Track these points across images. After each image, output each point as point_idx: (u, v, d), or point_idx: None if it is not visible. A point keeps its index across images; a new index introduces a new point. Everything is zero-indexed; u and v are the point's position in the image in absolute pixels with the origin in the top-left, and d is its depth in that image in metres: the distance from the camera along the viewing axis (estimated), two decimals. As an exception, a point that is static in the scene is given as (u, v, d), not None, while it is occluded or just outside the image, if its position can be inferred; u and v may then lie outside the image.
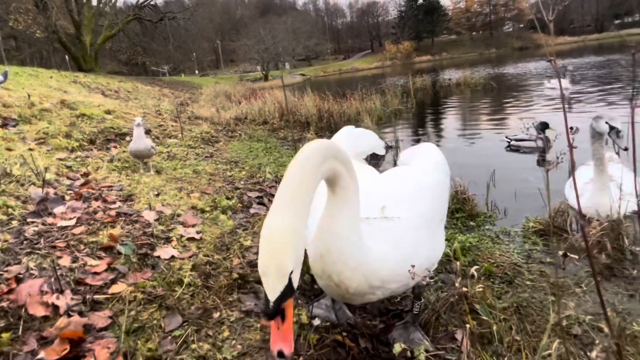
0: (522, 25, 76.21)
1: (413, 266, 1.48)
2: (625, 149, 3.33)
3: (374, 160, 7.03)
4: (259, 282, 2.36)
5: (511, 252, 2.90)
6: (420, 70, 30.12)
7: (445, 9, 79.22)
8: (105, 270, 2.06)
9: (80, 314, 1.73)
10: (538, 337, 1.95)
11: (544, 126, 6.26)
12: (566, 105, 9.30)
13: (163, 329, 1.76)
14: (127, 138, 6.07)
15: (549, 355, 1.59)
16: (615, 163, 3.56)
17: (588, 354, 0.96)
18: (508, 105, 11.66)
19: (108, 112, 7.92)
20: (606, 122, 3.28)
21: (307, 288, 2.35)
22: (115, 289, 1.93)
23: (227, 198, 3.82)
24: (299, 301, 2.22)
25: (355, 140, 2.41)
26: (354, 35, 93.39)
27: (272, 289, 1.07)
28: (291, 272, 1.09)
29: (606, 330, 0.91)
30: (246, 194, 4.09)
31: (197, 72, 58.39)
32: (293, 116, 10.80)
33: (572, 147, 0.84)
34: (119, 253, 2.25)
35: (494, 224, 3.57)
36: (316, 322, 1.97)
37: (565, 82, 11.66)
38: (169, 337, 1.71)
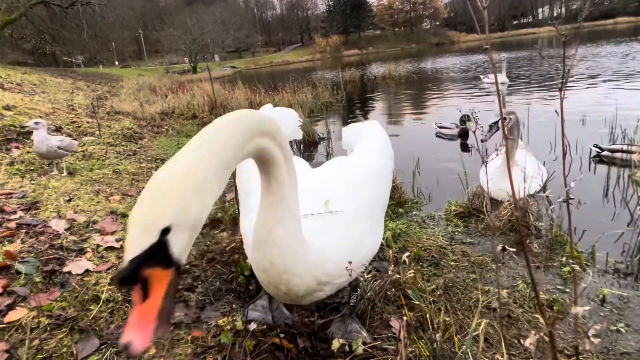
0: (438, 23, 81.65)
1: (350, 262, 1.44)
2: (482, 141, 3.77)
3: (307, 152, 7.02)
4: (190, 289, 2.22)
5: (437, 236, 3.05)
6: (349, 63, 30.83)
7: (370, 5, 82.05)
8: (0, 295, 1.76)
9: (-33, 350, 1.46)
10: (463, 314, 2.07)
11: (465, 118, 6.70)
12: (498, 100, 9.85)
13: (75, 356, 1.54)
14: (32, 137, 5.40)
15: (477, 335, 1.67)
16: (520, 149, 3.92)
17: (522, 341, 0.99)
18: (429, 96, 12.35)
19: (8, 107, 7.00)
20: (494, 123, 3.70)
21: (242, 290, 2.25)
22: (12, 316, 1.66)
23: (152, 200, 3.54)
24: (234, 305, 2.11)
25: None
26: (284, 28, 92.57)
27: (131, 244, 0.78)
28: (167, 231, 0.80)
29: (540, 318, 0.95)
30: (173, 194, 3.83)
31: (117, 63, 54.04)
32: (224, 109, 10.42)
33: (506, 137, 0.85)
34: (18, 273, 1.95)
35: (420, 209, 3.74)
36: (252, 326, 1.88)
37: (502, 77, 11.89)
38: (83, 365, 1.52)
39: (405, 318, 1.35)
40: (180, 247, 0.83)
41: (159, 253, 0.79)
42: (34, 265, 2.00)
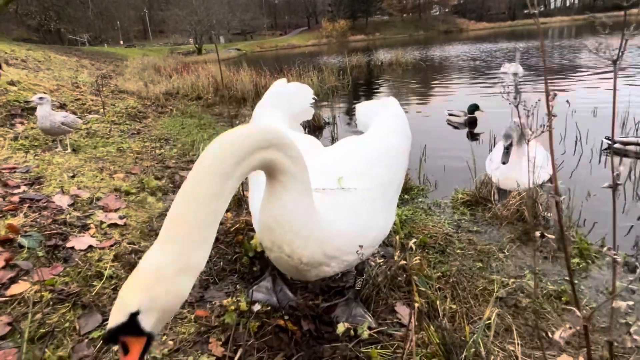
0: (447, 10, 79.98)
1: (361, 246, 1.40)
2: (503, 163, 3.57)
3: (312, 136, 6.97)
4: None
5: (443, 223, 3.02)
6: (355, 49, 30.37)
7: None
8: (3, 268, 1.74)
9: (-32, 322, 1.44)
10: (469, 302, 2.04)
11: (474, 107, 6.60)
12: (513, 94, 9.64)
13: (78, 331, 1.53)
14: (36, 112, 5.36)
15: (488, 326, 1.64)
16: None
17: (550, 335, 0.96)
18: (437, 83, 12.18)
19: (12, 83, 6.94)
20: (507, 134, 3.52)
21: (246, 271, 2.22)
22: (15, 289, 1.64)
23: (157, 178, 3.51)
24: (238, 286, 2.09)
25: (290, 100, 2.21)
26: (290, 11, 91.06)
27: (111, 317, 0.94)
28: (136, 313, 0.94)
29: (575, 311, 0.92)
30: (178, 173, 3.80)
31: (121, 42, 53.45)
32: (229, 91, 10.32)
33: (550, 114, 0.80)
34: (21, 246, 1.92)
35: (426, 196, 3.71)
36: (256, 307, 1.86)
37: (516, 67, 11.48)
38: (86, 341, 1.49)
39: (416, 305, 1.31)
40: (151, 325, 0.96)
41: (132, 326, 0.94)
42: (37, 239, 1.97)
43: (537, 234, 0.95)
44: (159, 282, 0.95)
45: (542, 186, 3.45)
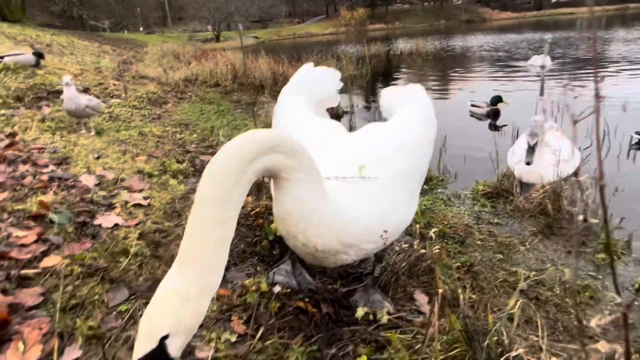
0: (470, -1, 77.76)
1: (386, 231, 1.40)
2: (528, 164, 3.44)
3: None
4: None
5: (462, 214, 2.99)
6: (374, 38, 29.92)
7: (399, -23, 78.46)
8: (35, 242, 1.80)
9: (4, 292, 1.51)
10: (490, 293, 2.03)
11: (497, 99, 6.46)
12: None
13: (106, 304, 1.58)
14: (62, 96, 5.49)
15: (512, 315, 1.63)
16: (554, 131, 3.75)
17: (586, 323, 0.95)
18: (458, 74, 11.95)
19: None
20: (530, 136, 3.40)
21: (266, 254, 2.25)
22: (47, 262, 1.70)
23: (178, 162, 3.56)
24: (258, 268, 2.12)
25: (315, 86, 2.18)
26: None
27: (137, 347, 0.96)
28: (166, 337, 0.97)
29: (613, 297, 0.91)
30: (198, 157, 3.85)
31: (141, 29, 53.99)
32: (247, 79, 10.33)
33: (599, 96, 0.78)
34: (52, 222, 1.99)
35: (446, 187, 3.67)
36: (277, 289, 1.89)
37: (545, 59, 11.12)
38: (114, 313, 1.54)
39: (440, 290, 1.31)
40: (176, 348, 1.00)
41: (158, 352, 0.97)
42: (66, 215, 2.04)
43: (580, 217, 0.93)
44: (186, 303, 0.99)
45: (566, 180, 3.37)
